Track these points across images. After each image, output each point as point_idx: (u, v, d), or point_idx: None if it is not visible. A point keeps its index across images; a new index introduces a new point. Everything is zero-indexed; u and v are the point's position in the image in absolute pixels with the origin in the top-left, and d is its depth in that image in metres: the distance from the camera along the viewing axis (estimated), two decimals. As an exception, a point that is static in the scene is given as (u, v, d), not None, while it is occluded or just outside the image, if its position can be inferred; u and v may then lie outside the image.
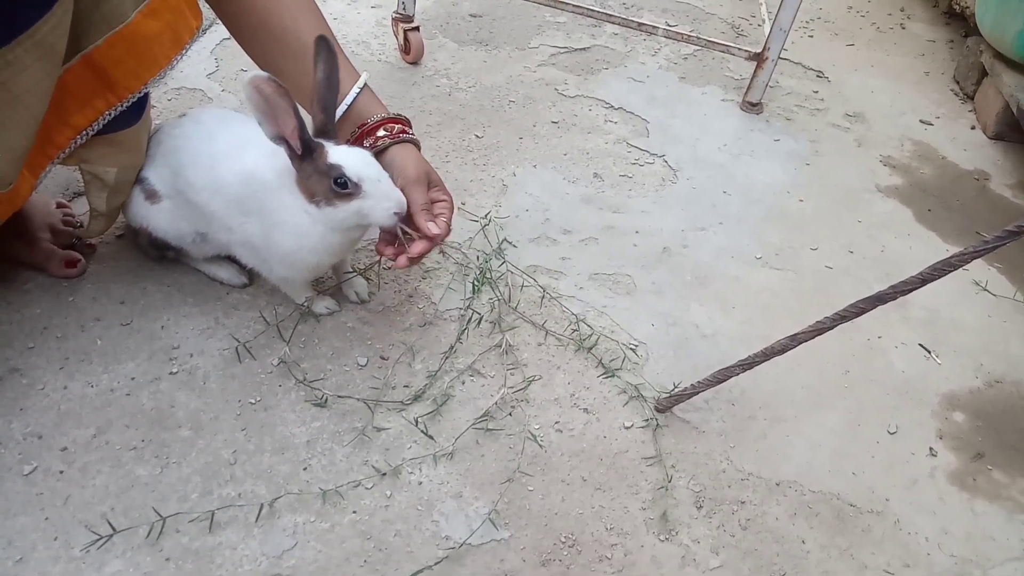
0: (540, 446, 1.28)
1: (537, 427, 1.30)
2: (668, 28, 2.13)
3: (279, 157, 1.20)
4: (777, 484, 1.29)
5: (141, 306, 1.38)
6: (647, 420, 1.34)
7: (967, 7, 2.72)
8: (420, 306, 1.48)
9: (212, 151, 1.28)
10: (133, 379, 1.27)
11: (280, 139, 1.16)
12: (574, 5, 2.12)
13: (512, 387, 1.35)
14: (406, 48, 2.15)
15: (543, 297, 1.53)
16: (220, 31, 2.10)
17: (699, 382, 1.29)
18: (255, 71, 1.09)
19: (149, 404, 1.24)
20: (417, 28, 2.13)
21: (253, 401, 1.27)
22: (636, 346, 1.47)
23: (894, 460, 1.37)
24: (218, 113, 1.38)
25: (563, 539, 1.16)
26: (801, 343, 1.17)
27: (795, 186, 1.98)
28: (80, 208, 1.49)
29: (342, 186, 1.17)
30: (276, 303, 1.42)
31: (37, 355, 1.27)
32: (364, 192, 1.18)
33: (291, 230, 1.24)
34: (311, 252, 1.26)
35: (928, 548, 1.24)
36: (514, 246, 1.63)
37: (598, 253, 1.67)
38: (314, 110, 1.22)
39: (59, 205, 1.49)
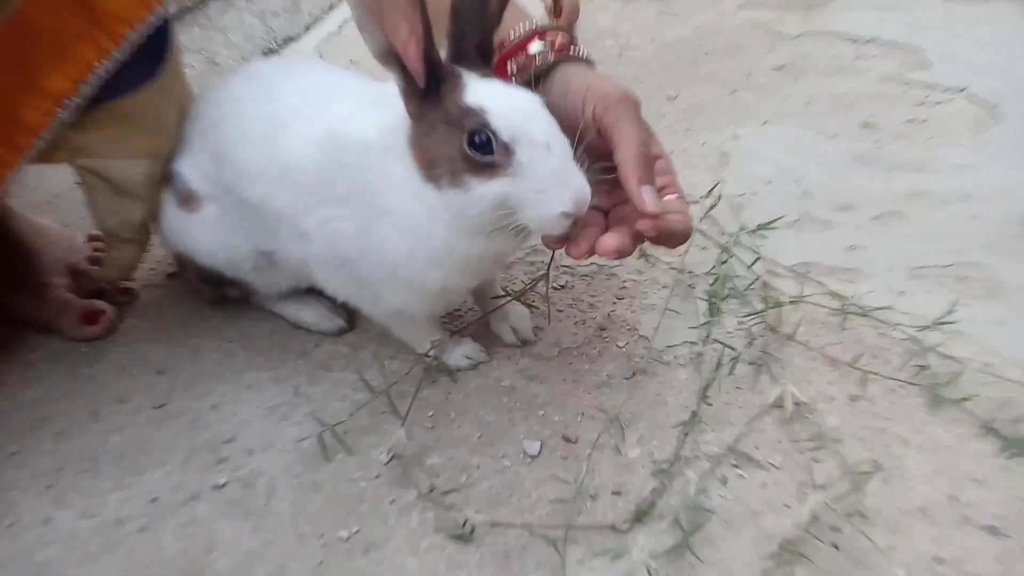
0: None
1: (902, 572, 0.64)
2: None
3: (386, 108, 0.69)
4: None
5: (186, 376, 0.88)
6: None
7: None
8: (621, 343, 0.87)
9: (272, 113, 0.78)
10: (154, 500, 0.75)
11: (390, 56, 0.64)
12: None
13: (825, 487, 0.70)
14: (556, 9, 1.61)
15: (841, 312, 0.87)
16: (325, 27, 1.66)
17: None
18: None
19: (172, 547, 0.71)
20: (568, -20, 1.58)
21: (345, 534, 0.70)
22: (1047, 389, 0.77)
23: None
24: (283, 63, 0.88)
25: None
26: None
27: None
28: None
29: (480, 147, 0.61)
30: (386, 356, 0.87)
31: (18, 467, 0.79)
32: (517, 164, 0.62)
33: (400, 223, 0.69)
34: (432, 265, 0.71)
35: None
36: (762, 236, 0.99)
37: (909, 235, 0.99)
38: (449, 23, 0.67)
39: (92, 238, 1.04)
